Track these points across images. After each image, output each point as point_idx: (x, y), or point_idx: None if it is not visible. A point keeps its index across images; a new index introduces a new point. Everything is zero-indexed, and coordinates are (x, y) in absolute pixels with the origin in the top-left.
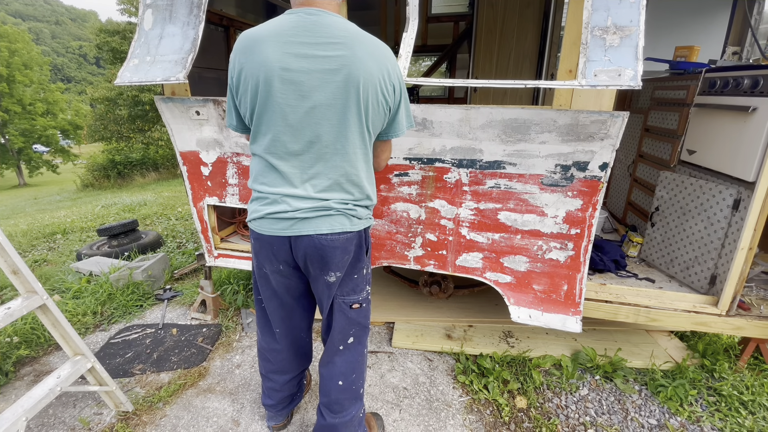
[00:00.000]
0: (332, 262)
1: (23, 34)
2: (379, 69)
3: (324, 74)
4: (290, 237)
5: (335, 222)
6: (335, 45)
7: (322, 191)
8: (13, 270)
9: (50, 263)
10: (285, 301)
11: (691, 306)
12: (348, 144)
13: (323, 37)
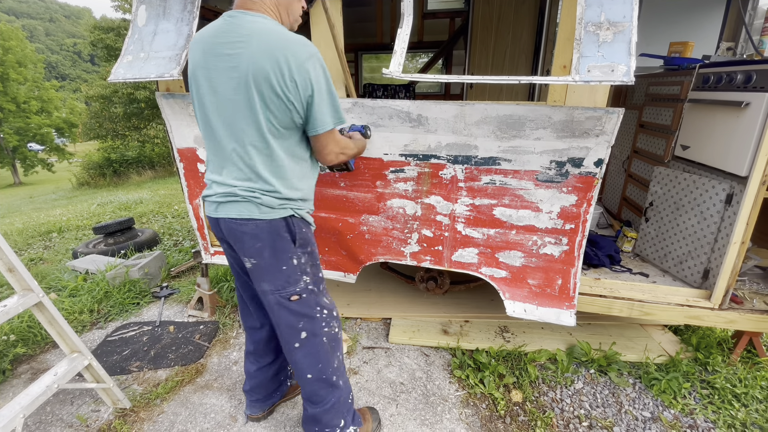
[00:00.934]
0: (244, 247)
1: (17, 31)
2: (272, 64)
3: (227, 71)
4: (217, 219)
5: (242, 208)
6: (238, 43)
7: (233, 179)
8: (8, 268)
9: (46, 261)
10: (245, 280)
11: (684, 300)
12: (246, 137)
13: (232, 37)
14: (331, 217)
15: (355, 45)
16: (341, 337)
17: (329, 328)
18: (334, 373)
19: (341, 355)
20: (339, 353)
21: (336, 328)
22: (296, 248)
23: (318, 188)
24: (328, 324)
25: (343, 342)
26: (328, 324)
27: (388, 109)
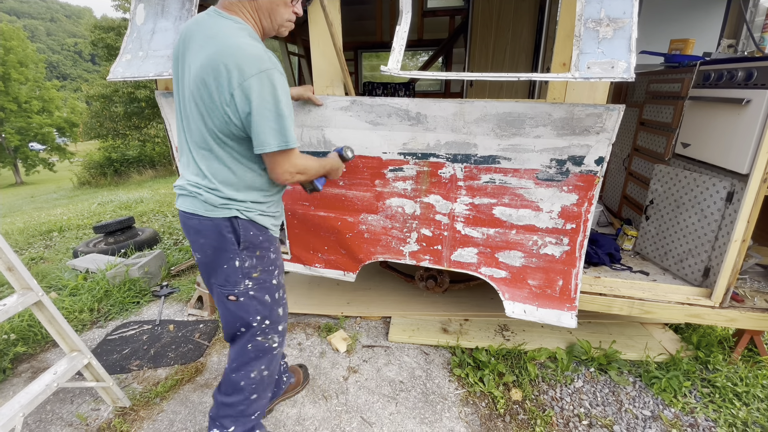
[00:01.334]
0: (191, 240)
1: (18, 31)
2: (216, 74)
3: (185, 73)
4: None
5: (189, 203)
6: (202, 43)
7: (188, 173)
8: (8, 267)
9: (47, 261)
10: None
11: (684, 298)
12: (195, 135)
13: (201, 35)
14: (330, 216)
15: (354, 43)
16: (276, 354)
17: (264, 338)
18: (245, 379)
19: (267, 373)
20: (264, 368)
21: (274, 343)
22: (240, 250)
23: None
24: (265, 335)
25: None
26: (264, 334)
27: (387, 107)
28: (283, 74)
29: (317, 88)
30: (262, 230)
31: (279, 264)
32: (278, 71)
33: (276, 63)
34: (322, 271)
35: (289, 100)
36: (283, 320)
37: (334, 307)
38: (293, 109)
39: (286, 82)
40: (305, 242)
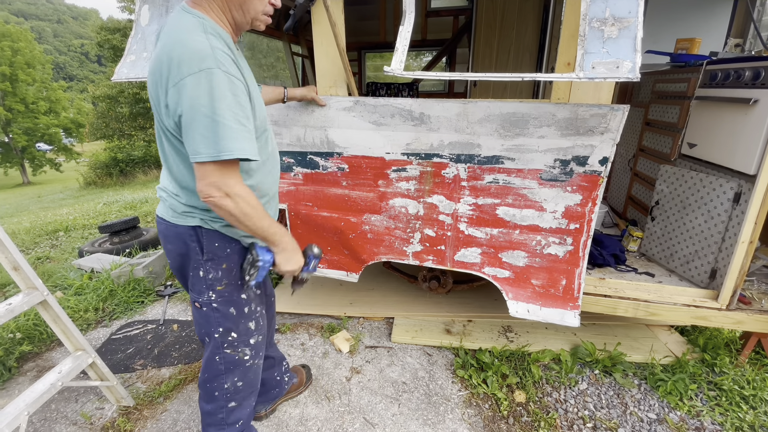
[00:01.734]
0: (161, 244)
1: (26, 33)
2: (160, 69)
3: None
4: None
5: (160, 207)
6: (157, 45)
7: (162, 177)
8: (14, 266)
9: (53, 260)
10: None
11: (691, 300)
12: (158, 139)
13: (159, 38)
14: (333, 217)
15: (358, 44)
16: (250, 367)
17: (233, 350)
18: (218, 390)
19: (241, 384)
20: (237, 379)
21: (245, 356)
22: (204, 261)
23: (319, 187)
24: (233, 348)
25: (253, 372)
26: (233, 347)
27: (390, 107)
28: (234, 75)
29: (320, 89)
30: (231, 242)
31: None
32: (223, 71)
33: (223, 62)
34: (325, 272)
35: (240, 106)
36: (257, 333)
37: (337, 308)
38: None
39: (238, 85)
40: (308, 242)
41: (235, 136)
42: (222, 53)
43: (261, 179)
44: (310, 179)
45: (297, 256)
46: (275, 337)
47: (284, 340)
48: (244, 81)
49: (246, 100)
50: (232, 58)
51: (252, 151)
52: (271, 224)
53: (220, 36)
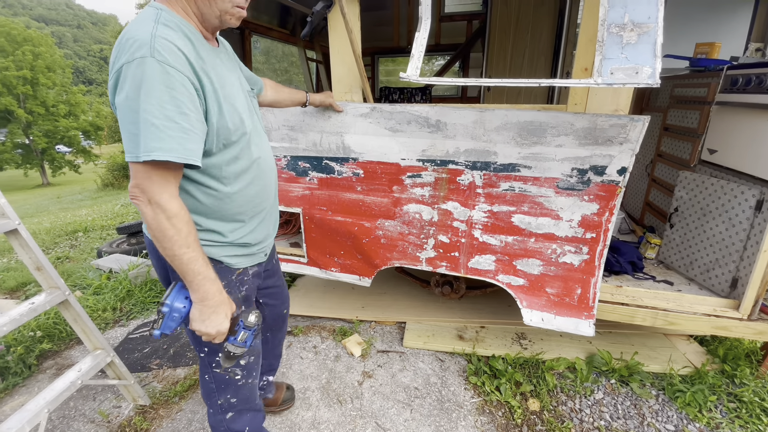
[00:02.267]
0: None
1: (47, 38)
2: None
3: None
4: None
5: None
6: None
7: None
8: (37, 266)
9: (72, 260)
10: None
11: (711, 309)
12: None
13: None
14: (347, 221)
15: (371, 49)
16: (242, 386)
17: (224, 371)
18: (213, 407)
19: (235, 401)
20: (230, 396)
21: (236, 376)
22: (180, 279)
23: (334, 192)
24: (203, 361)
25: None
26: (222, 367)
27: (406, 114)
28: (174, 66)
29: (336, 95)
30: (212, 263)
31: (234, 299)
32: (158, 60)
33: (162, 50)
34: (338, 276)
35: (175, 100)
36: (248, 355)
37: (349, 311)
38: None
39: (175, 77)
40: (322, 246)
41: (160, 135)
42: (164, 42)
43: (241, 189)
44: (325, 184)
45: (217, 316)
46: (286, 340)
47: (297, 343)
48: (195, 76)
49: (187, 94)
50: (179, 50)
51: (185, 153)
52: (195, 260)
53: (178, 26)
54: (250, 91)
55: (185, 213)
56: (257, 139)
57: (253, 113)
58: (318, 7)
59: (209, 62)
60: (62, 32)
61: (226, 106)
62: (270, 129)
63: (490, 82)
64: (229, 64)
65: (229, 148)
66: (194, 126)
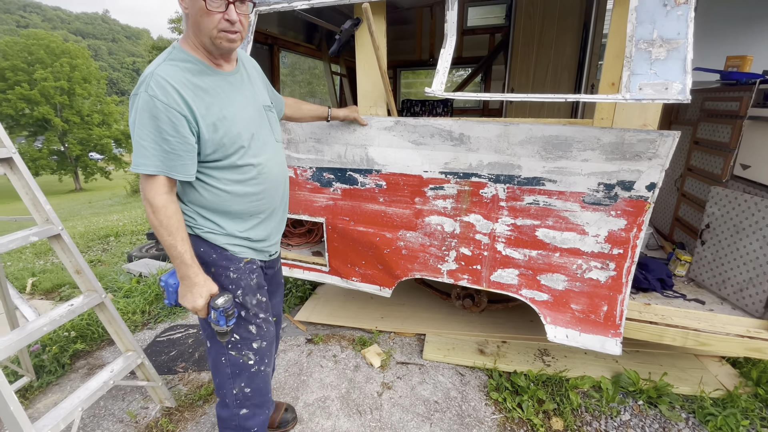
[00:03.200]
0: None
1: (83, 50)
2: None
3: None
4: None
5: None
6: None
7: None
8: (76, 270)
9: (104, 264)
10: None
11: (744, 330)
12: None
13: None
14: (369, 231)
15: (394, 62)
16: (255, 373)
17: (237, 353)
18: (228, 397)
19: (249, 390)
20: (244, 385)
21: (249, 360)
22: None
23: (357, 202)
24: (238, 350)
25: (261, 380)
26: (237, 350)
27: (430, 127)
28: (160, 99)
29: (361, 109)
30: (215, 248)
31: (245, 285)
32: (149, 94)
33: (154, 86)
34: (358, 285)
35: (157, 128)
36: (259, 338)
37: (369, 321)
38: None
39: (159, 108)
40: (344, 256)
41: (144, 154)
42: (158, 79)
43: (238, 190)
44: (349, 195)
45: (192, 295)
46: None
47: (317, 351)
48: (186, 105)
49: (169, 123)
50: (170, 85)
51: (162, 169)
52: (174, 246)
53: (184, 60)
54: (268, 106)
55: (168, 209)
56: (261, 149)
57: (263, 126)
58: (346, 25)
59: (210, 88)
60: (98, 45)
61: (221, 124)
62: (297, 141)
63: (515, 97)
64: (241, 84)
65: (228, 156)
66: (174, 148)
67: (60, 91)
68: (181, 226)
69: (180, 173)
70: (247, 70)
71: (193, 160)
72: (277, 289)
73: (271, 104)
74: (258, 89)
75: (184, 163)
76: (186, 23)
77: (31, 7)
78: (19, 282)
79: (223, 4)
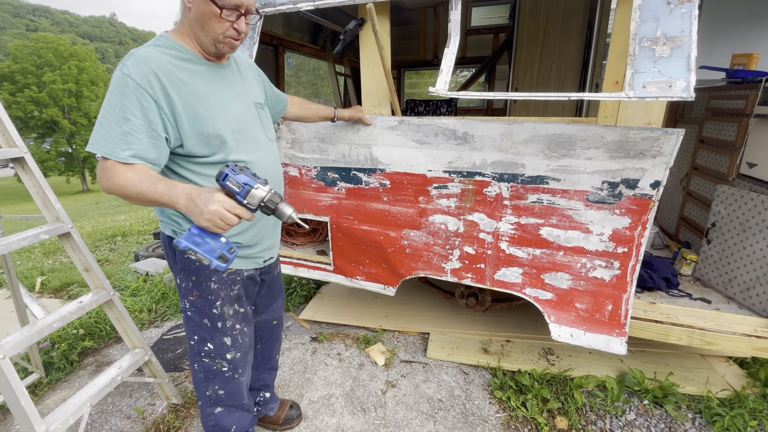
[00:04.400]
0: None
1: (91, 53)
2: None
3: None
4: None
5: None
6: None
7: None
8: (85, 267)
9: (111, 263)
10: None
11: (751, 330)
12: None
13: None
14: (373, 231)
15: (398, 62)
16: (230, 378)
17: (210, 360)
18: (202, 398)
19: (223, 393)
20: (218, 388)
21: (223, 367)
22: (178, 269)
23: (361, 202)
24: (211, 358)
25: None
26: (210, 358)
27: (434, 126)
28: (133, 78)
29: (366, 108)
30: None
31: (225, 295)
32: (123, 72)
33: (130, 66)
34: (362, 284)
35: (123, 107)
36: (234, 350)
37: (373, 320)
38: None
39: (130, 86)
40: (348, 255)
41: (102, 133)
42: (137, 59)
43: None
44: (353, 194)
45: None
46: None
47: (321, 350)
48: (161, 88)
49: (138, 103)
50: (149, 66)
51: (119, 153)
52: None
53: (169, 47)
54: (260, 103)
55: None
56: (251, 146)
57: (254, 123)
58: (351, 26)
59: (196, 76)
60: (105, 48)
61: (205, 114)
62: (302, 141)
63: (519, 96)
64: (231, 78)
65: (215, 152)
66: (134, 129)
67: (68, 94)
68: (155, 179)
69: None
70: (239, 66)
71: (154, 145)
72: (278, 294)
73: (264, 102)
74: (250, 86)
75: (143, 146)
76: (183, 16)
77: (40, 11)
78: (28, 281)
79: (235, 15)
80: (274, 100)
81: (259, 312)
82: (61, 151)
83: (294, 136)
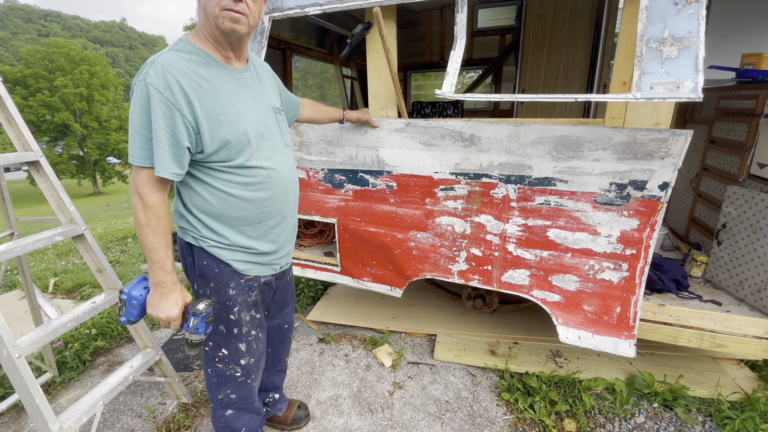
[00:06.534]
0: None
1: (101, 58)
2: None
3: None
4: None
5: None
6: None
7: None
8: (98, 268)
9: (122, 264)
10: None
11: (763, 332)
12: None
13: None
14: (380, 232)
15: (404, 64)
16: (242, 383)
17: (224, 365)
18: (214, 401)
19: (235, 397)
20: (230, 392)
21: (236, 373)
22: (196, 275)
23: (368, 203)
24: (225, 363)
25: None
26: (224, 363)
27: (441, 129)
28: (156, 87)
29: (372, 111)
30: (219, 263)
31: (242, 301)
32: (147, 83)
33: (151, 74)
34: (369, 285)
35: (145, 116)
36: (248, 356)
37: (380, 321)
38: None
39: (154, 95)
40: (355, 256)
41: (140, 145)
42: (158, 67)
43: (245, 194)
44: (360, 196)
45: (167, 302)
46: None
47: (329, 350)
48: (183, 94)
49: (163, 115)
50: (170, 73)
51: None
52: (157, 249)
53: (190, 51)
54: (278, 108)
55: (161, 209)
56: (271, 152)
57: (273, 128)
58: (357, 29)
59: (217, 81)
60: (115, 53)
61: (226, 120)
62: (309, 143)
63: (526, 98)
64: (251, 83)
65: (235, 156)
66: (159, 140)
67: (79, 98)
68: (168, 230)
69: (162, 169)
70: (258, 70)
71: (176, 157)
72: (290, 298)
73: (281, 107)
74: (268, 91)
75: (167, 157)
76: (198, 15)
77: (51, 17)
78: (41, 282)
79: None
80: (288, 104)
81: (271, 317)
82: (73, 154)
83: (301, 138)
